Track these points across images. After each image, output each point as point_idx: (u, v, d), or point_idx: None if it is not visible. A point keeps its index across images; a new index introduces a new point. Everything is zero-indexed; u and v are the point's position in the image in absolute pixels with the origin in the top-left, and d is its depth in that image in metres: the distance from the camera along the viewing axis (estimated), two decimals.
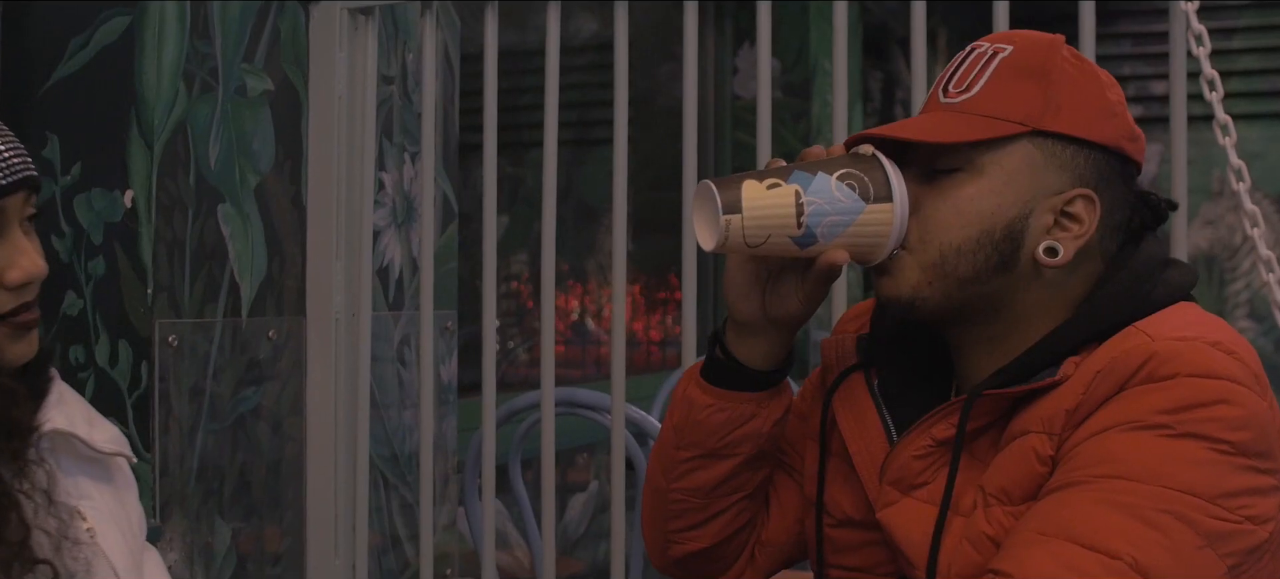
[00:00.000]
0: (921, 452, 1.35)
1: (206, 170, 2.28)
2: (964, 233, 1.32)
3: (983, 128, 1.32)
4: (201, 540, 2.28)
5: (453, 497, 2.86)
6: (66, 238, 2.22)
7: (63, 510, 1.19)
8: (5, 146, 1.20)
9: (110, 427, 1.34)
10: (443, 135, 2.81)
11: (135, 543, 1.33)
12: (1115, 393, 1.24)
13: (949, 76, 1.37)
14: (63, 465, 1.26)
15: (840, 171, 1.30)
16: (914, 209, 1.33)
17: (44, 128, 2.23)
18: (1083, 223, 1.33)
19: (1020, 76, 1.34)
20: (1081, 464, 1.23)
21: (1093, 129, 1.33)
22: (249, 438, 2.38)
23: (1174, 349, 1.24)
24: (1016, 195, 1.32)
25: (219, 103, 2.30)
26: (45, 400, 1.26)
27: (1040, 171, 1.32)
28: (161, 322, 2.19)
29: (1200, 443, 1.21)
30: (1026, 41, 1.36)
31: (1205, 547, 1.18)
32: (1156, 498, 1.19)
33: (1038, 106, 1.32)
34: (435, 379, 2.77)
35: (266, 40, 2.38)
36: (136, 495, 1.39)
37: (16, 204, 1.20)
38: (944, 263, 1.33)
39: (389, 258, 2.67)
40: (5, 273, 1.18)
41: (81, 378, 2.21)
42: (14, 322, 1.19)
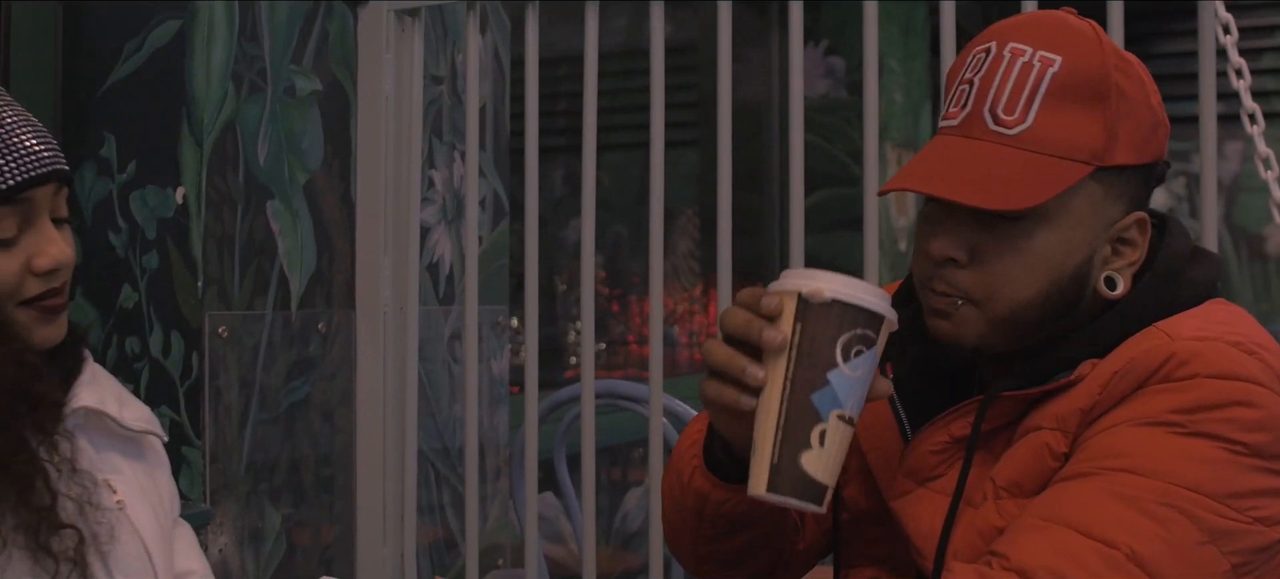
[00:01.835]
0: (938, 447, 1.35)
1: (256, 168, 2.36)
2: (1034, 286, 1.28)
3: (1051, 176, 1.25)
4: (251, 526, 2.35)
5: (504, 489, 2.92)
6: (122, 233, 2.31)
7: (87, 479, 1.25)
8: (36, 140, 1.26)
9: (141, 406, 1.40)
10: (493, 134, 2.87)
11: (165, 517, 1.39)
12: (1132, 392, 1.23)
13: (991, 92, 1.28)
14: (95, 441, 1.32)
15: (844, 343, 1.17)
16: (973, 256, 1.28)
17: (101, 128, 2.32)
18: (1137, 247, 1.31)
19: (1078, 101, 1.26)
20: (1090, 456, 1.23)
21: (1146, 151, 1.30)
22: (299, 428, 2.45)
23: (1193, 349, 1.22)
24: (1082, 237, 1.28)
25: (268, 103, 2.38)
26: (76, 379, 1.32)
27: (1101, 206, 1.29)
28: (212, 313, 2.27)
29: (1212, 442, 1.19)
30: (1075, 53, 1.28)
31: (1207, 543, 1.17)
32: (1160, 492, 1.18)
33: (1101, 141, 1.26)
34: (486, 373, 2.82)
35: (314, 42, 2.46)
36: (169, 472, 1.45)
37: (46, 195, 1.27)
38: (1013, 317, 1.29)
39: (439, 254, 2.73)
40: (34, 259, 1.24)
41: (136, 368, 2.30)
42: (41, 306, 1.25)
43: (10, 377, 1.20)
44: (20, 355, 1.22)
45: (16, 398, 1.20)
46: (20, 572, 1.20)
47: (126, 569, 1.28)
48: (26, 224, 1.25)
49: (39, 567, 1.20)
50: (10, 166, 1.23)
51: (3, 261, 1.24)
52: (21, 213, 1.25)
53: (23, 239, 1.25)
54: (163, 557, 1.34)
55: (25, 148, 1.25)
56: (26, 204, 1.25)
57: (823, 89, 4.89)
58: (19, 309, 1.24)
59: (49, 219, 1.28)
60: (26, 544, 1.20)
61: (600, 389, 2.55)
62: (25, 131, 1.26)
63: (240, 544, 2.33)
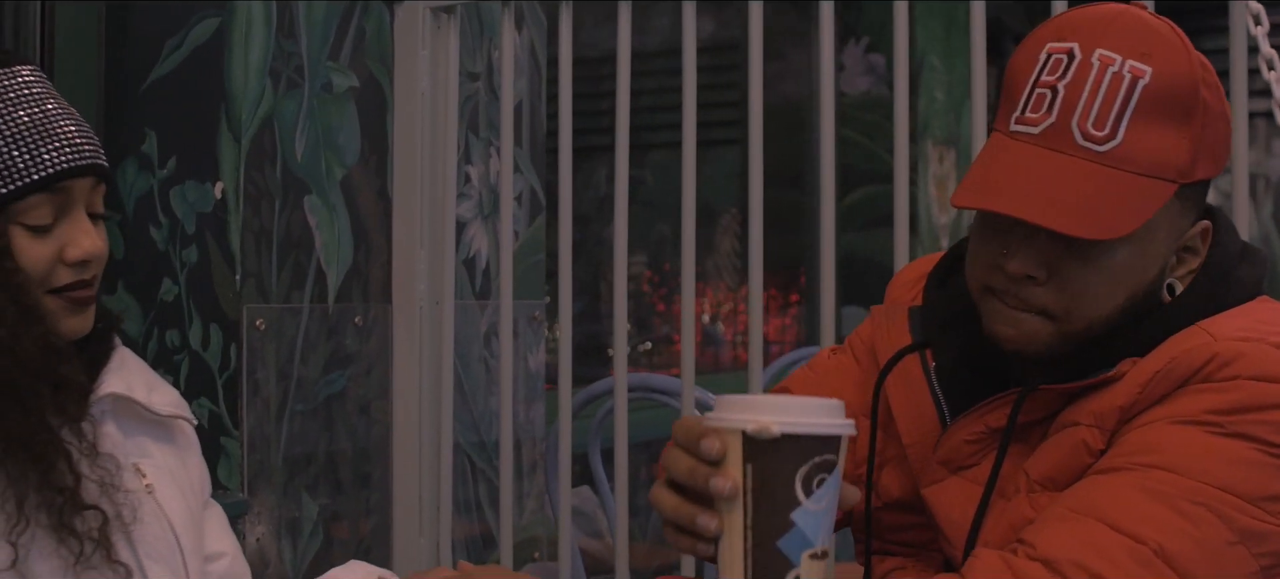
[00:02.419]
0: (973, 437, 1.34)
1: (293, 163, 2.39)
2: (1113, 302, 1.26)
3: (1142, 199, 1.22)
4: (289, 516, 2.39)
5: (540, 483, 2.94)
6: (163, 228, 2.35)
7: (110, 463, 1.29)
8: (77, 132, 1.30)
9: (171, 391, 1.43)
10: (529, 130, 2.90)
11: (195, 500, 1.43)
12: (1172, 392, 1.22)
13: (1080, 103, 1.23)
14: (124, 427, 1.36)
15: (804, 477, 1.05)
16: (1052, 273, 1.25)
17: (142, 124, 2.37)
18: (1199, 254, 1.30)
19: (1167, 117, 1.23)
20: (1124, 451, 1.22)
21: (1221, 161, 1.28)
22: (336, 420, 2.49)
23: (1236, 350, 1.21)
24: (1159, 250, 1.27)
25: (305, 99, 2.41)
26: (104, 366, 1.35)
27: (1176, 219, 1.27)
28: (249, 306, 2.31)
29: (1249, 444, 1.19)
30: (1164, 64, 1.23)
31: (1238, 543, 1.17)
32: (1192, 490, 1.17)
33: (1187, 159, 1.24)
34: (522, 367, 2.85)
35: (351, 38, 2.49)
36: (199, 456, 1.48)
37: (84, 188, 1.30)
38: (1089, 330, 1.27)
39: (475, 249, 2.76)
40: (66, 249, 1.28)
41: (176, 360, 2.34)
42: (70, 296, 1.28)
43: (36, 360, 1.23)
44: (47, 339, 1.25)
45: (40, 380, 1.24)
46: (45, 550, 1.23)
47: (153, 551, 1.31)
48: (62, 214, 1.28)
49: (63, 546, 1.23)
50: (50, 155, 1.26)
51: (36, 248, 1.27)
52: (58, 202, 1.28)
53: (57, 228, 1.28)
54: (191, 539, 1.37)
55: (66, 138, 1.28)
56: (64, 194, 1.28)
57: (864, 86, 4.88)
58: (48, 296, 1.27)
59: (85, 212, 1.31)
60: (50, 523, 1.23)
61: (634, 383, 2.57)
62: (67, 123, 1.29)
63: (277, 534, 2.37)
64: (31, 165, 1.25)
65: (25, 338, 1.23)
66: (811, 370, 1.55)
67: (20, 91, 1.28)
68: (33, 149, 1.25)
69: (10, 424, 1.22)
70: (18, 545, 1.21)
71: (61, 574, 1.24)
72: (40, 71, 1.32)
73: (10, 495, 1.22)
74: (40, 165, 1.25)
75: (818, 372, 1.54)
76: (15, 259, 1.25)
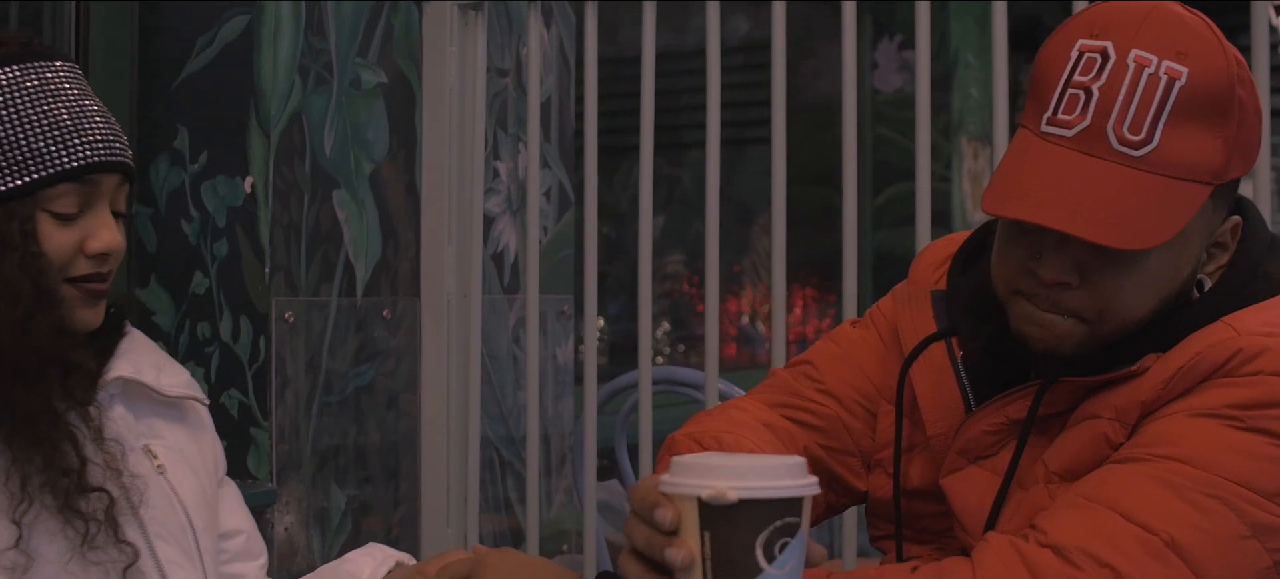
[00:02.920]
0: (993, 428, 1.33)
1: (322, 158, 2.43)
2: (1147, 306, 1.25)
3: (1177, 204, 1.21)
4: (317, 505, 2.42)
5: (568, 476, 2.96)
6: (195, 222, 2.39)
7: (116, 446, 1.32)
8: (108, 130, 1.34)
9: (181, 373, 1.46)
10: (558, 126, 2.92)
11: (209, 479, 1.45)
12: (1194, 386, 1.21)
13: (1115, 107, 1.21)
14: (135, 409, 1.39)
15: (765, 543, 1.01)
16: (1084, 277, 1.24)
17: (174, 121, 2.41)
18: (1228, 250, 1.29)
19: (1202, 119, 1.21)
20: (1142, 442, 1.21)
21: (1252, 159, 1.26)
22: (365, 411, 2.52)
23: (1260, 345, 1.20)
24: (1191, 253, 1.26)
25: (334, 95, 2.45)
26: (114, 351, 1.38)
27: (1210, 219, 1.26)
28: (278, 299, 2.34)
29: (1267, 439, 1.17)
30: (1200, 64, 1.21)
31: (1250, 537, 1.16)
32: (1207, 483, 1.16)
33: (1222, 160, 1.22)
34: (551, 362, 2.87)
35: (380, 35, 2.53)
36: (212, 435, 1.51)
37: (111, 184, 1.34)
38: (1121, 331, 1.26)
39: (504, 243, 2.79)
40: (88, 241, 1.31)
41: (207, 352, 2.38)
42: (85, 287, 1.32)
43: (47, 343, 1.27)
44: (60, 324, 1.28)
45: (50, 363, 1.27)
46: (50, 531, 1.26)
47: (162, 531, 1.34)
48: (87, 206, 1.32)
49: (69, 527, 1.26)
50: (81, 148, 1.30)
51: (60, 235, 1.30)
52: (85, 194, 1.31)
53: (81, 220, 1.32)
54: (202, 517, 1.40)
55: (97, 134, 1.31)
56: (92, 187, 1.31)
57: (898, 83, 4.88)
58: (65, 284, 1.31)
59: (109, 209, 1.34)
60: (56, 505, 1.26)
61: (658, 376, 2.59)
62: (99, 120, 1.33)
63: (306, 523, 2.40)
64: (63, 155, 1.29)
65: (39, 320, 1.26)
66: (835, 342, 1.52)
67: (57, 86, 1.31)
68: (65, 140, 1.29)
69: (17, 405, 1.25)
70: (21, 524, 1.24)
71: (67, 555, 1.26)
72: (76, 67, 1.35)
73: (15, 475, 1.25)
74: (71, 156, 1.29)
75: (841, 344, 1.51)
76: (39, 244, 1.29)
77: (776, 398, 1.49)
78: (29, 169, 1.28)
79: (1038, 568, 1.15)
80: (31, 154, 1.28)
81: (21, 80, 1.29)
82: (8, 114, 1.28)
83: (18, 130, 1.28)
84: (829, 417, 1.46)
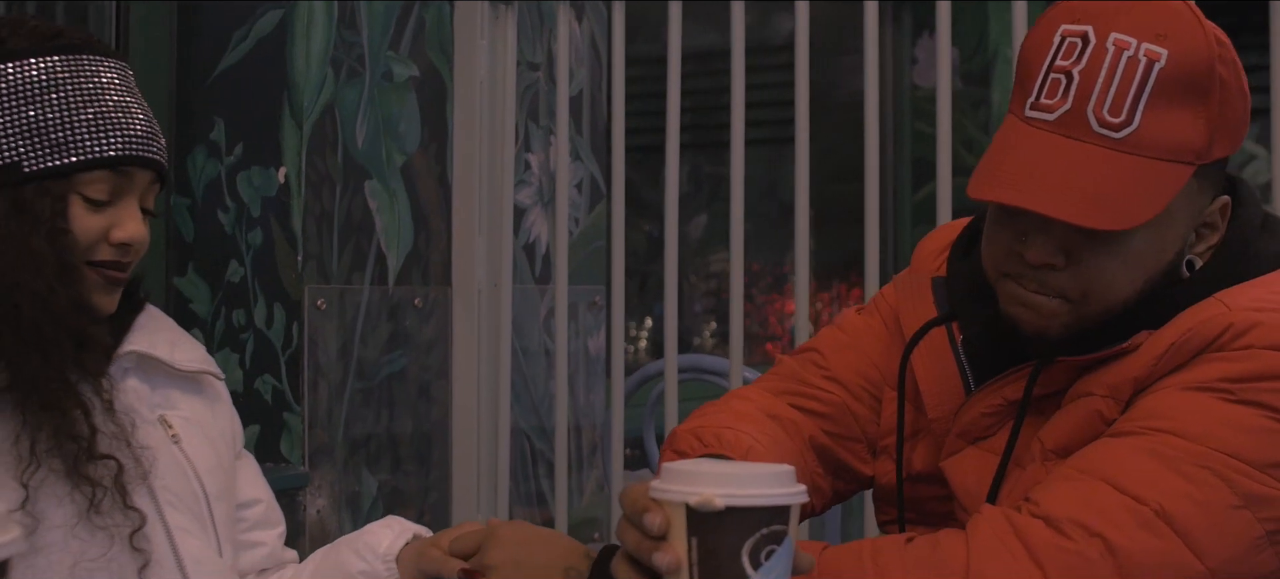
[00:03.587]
0: (990, 410, 1.35)
1: (354, 149, 2.48)
2: (1132, 286, 1.26)
3: (1158, 183, 1.22)
4: (349, 490, 2.48)
5: (599, 465, 3.00)
6: (230, 212, 2.45)
7: (126, 418, 1.36)
8: (148, 129, 1.40)
9: (196, 348, 1.51)
10: (589, 119, 2.96)
11: (226, 449, 1.50)
12: (1187, 362, 1.22)
13: (1095, 89, 1.23)
14: (152, 381, 1.44)
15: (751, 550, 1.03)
16: (1070, 258, 1.25)
17: (211, 113, 2.47)
18: (1218, 229, 1.30)
19: (1183, 99, 1.22)
20: (1134, 416, 1.23)
21: (1238, 138, 1.27)
22: (397, 398, 2.57)
23: (1251, 320, 1.21)
24: (1177, 233, 1.27)
25: (366, 87, 2.50)
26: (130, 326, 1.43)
27: (1195, 199, 1.27)
28: (311, 286, 2.40)
29: (1259, 411, 1.19)
30: (1180, 44, 1.22)
31: (1242, 507, 1.17)
32: (1197, 455, 1.17)
33: (1204, 140, 1.23)
34: (582, 352, 2.91)
35: (412, 29, 2.58)
36: (230, 408, 1.55)
37: (143, 180, 1.40)
38: (1106, 313, 1.27)
39: (535, 234, 2.83)
40: (114, 229, 1.37)
41: (242, 338, 2.44)
42: (105, 273, 1.37)
43: (66, 315, 1.32)
44: (80, 299, 1.34)
45: (66, 334, 1.32)
46: (58, 494, 1.31)
47: (174, 499, 1.39)
48: (118, 196, 1.38)
49: (77, 492, 1.31)
50: (120, 139, 1.36)
51: (90, 219, 1.36)
52: (118, 184, 1.37)
53: (111, 208, 1.37)
54: (217, 484, 1.44)
55: (137, 129, 1.38)
56: (125, 178, 1.37)
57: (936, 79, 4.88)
58: (87, 267, 1.36)
59: (138, 203, 1.39)
60: (63, 469, 1.30)
61: (686, 364, 2.62)
62: (142, 118, 1.39)
63: (337, 507, 2.45)
64: (102, 143, 1.35)
65: (60, 293, 1.31)
66: (841, 330, 1.54)
67: (107, 81, 1.38)
68: (106, 131, 1.35)
69: (31, 372, 1.30)
70: (28, 486, 1.29)
71: (74, 520, 1.31)
72: (128, 69, 1.42)
73: (25, 438, 1.30)
74: (111, 144, 1.35)
75: (847, 331, 1.53)
76: (68, 223, 1.34)
77: (783, 386, 1.51)
78: (69, 151, 1.34)
79: (1029, 538, 1.17)
80: (73, 138, 1.34)
81: (75, 70, 1.36)
82: (57, 98, 1.34)
83: (63, 114, 1.34)
84: (836, 403, 1.48)
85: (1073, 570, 1.14)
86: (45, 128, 1.33)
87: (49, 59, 1.35)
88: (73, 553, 1.31)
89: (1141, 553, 1.14)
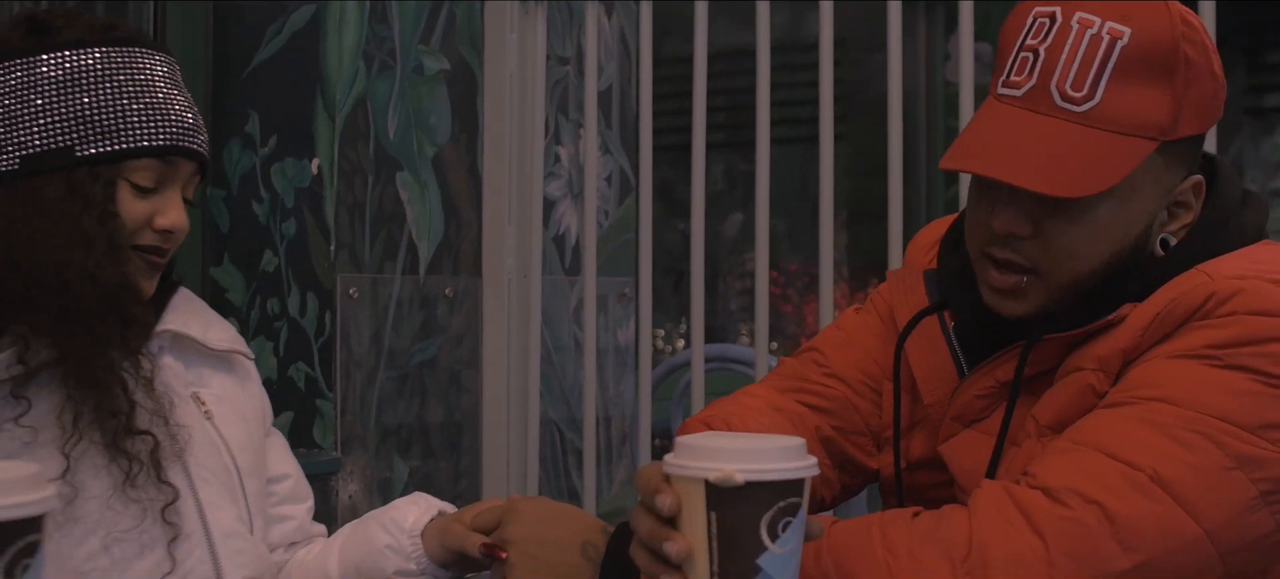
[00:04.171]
0: (984, 391, 1.37)
1: (386, 141, 2.53)
2: (1097, 257, 1.29)
3: (1118, 156, 1.25)
4: (380, 475, 2.52)
5: (629, 455, 3.03)
6: (264, 203, 2.50)
7: (163, 396, 1.41)
8: (194, 122, 1.47)
9: (228, 329, 1.56)
10: (619, 113, 3.00)
11: (256, 426, 1.55)
12: (1173, 332, 1.25)
13: (1058, 66, 1.26)
14: (186, 359, 1.49)
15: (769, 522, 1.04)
16: (1037, 229, 1.29)
17: (246, 106, 2.52)
18: (1192, 208, 1.32)
19: (1146, 76, 1.26)
20: (1125, 387, 1.25)
21: (1208, 118, 1.30)
22: (428, 386, 2.61)
23: (1233, 287, 1.23)
24: (1143, 207, 1.30)
25: (397, 80, 2.55)
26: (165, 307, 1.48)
27: (1162, 176, 1.30)
28: (343, 275, 2.45)
29: (1246, 375, 1.20)
30: (1143, 24, 1.26)
31: (1234, 469, 1.18)
32: (1189, 420, 1.19)
33: (1168, 116, 1.26)
34: (612, 343, 2.95)
35: (443, 24, 2.62)
36: (259, 387, 1.60)
37: (187, 170, 1.46)
38: (1076, 285, 1.30)
39: (565, 226, 2.87)
40: (157, 216, 1.43)
41: (277, 327, 2.49)
42: (147, 257, 1.43)
43: (112, 293, 1.37)
44: (125, 279, 1.39)
45: (111, 312, 1.37)
46: (96, 465, 1.36)
47: (207, 475, 1.43)
48: (163, 184, 1.43)
49: (114, 465, 1.36)
50: (167, 130, 1.42)
51: (136, 204, 1.41)
52: (163, 172, 1.43)
53: (155, 196, 1.43)
54: (248, 460, 1.49)
55: (184, 122, 1.44)
56: (170, 167, 1.43)
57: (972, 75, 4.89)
58: (131, 250, 1.41)
59: (181, 193, 1.44)
60: (102, 442, 1.36)
61: (712, 354, 2.65)
62: (188, 111, 1.45)
63: (369, 493, 2.50)
64: (152, 132, 1.41)
65: (108, 272, 1.37)
66: (840, 328, 1.58)
67: (156, 73, 1.43)
68: (155, 120, 1.41)
69: (77, 348, 1.35)
70: (70, 457, 1.34)
71: (110, 492, 1.36)
72: (175, 63, 1.47)
73: (68, 411, 1.35)
74: (160, 134, 1.41)
75: (845, 329, 1.57)
76: (116, 206, 1.40)
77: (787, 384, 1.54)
78: (120, 139, 1.39)
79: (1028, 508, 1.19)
80: (124, 126, 1.40)
81: (127, 61, 1.41)
82: (110, 86, 1.40)
83: (116, 102, 1.40)
84: (838, 398, 1.52)
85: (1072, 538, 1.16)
86: (98, 115, 1.39)
87: (102, 50, 1.41)
88: (107, 524, 1.36)
89: (1138, 518, 1.16)
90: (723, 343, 4.14)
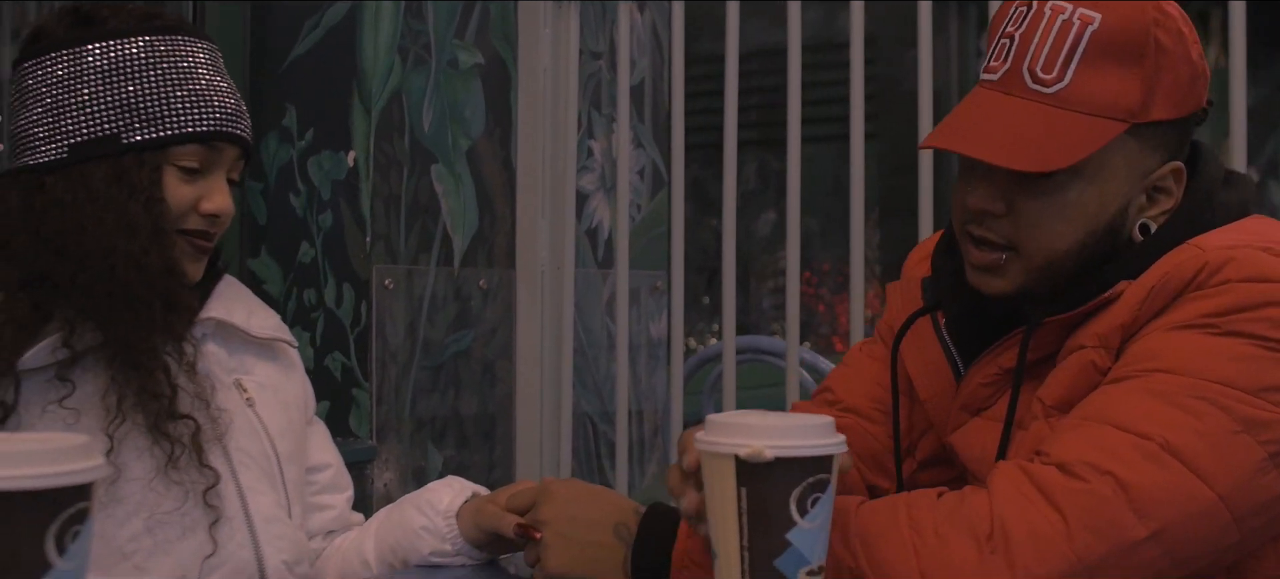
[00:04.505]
0: (988, 379, 1.40)
1: (421, 134, 2.55)
2: (1072, 236, 1.32)
3: (1085, 135, 1.29)
4: (414, 464, 2.55)
5: (660, 447, 3.05)
6: (302, 195, 2.53)
7: (206, 382, 1.44)
8: (236, 107, 1.49)
9: (272, 317, 1.58)
10: (651, 108, 3.02)
11: (298, 414, 1.57)
12: (1169, 304, 1.27)
13: (1031, 49, 1.31)
14: (230, 346, 1.51)
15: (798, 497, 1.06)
16: (1011, 208, 1.32)
17: (283, 100, 2.55)
18: (1172, 195, 1.35)
19: (1115, 60, 1.30)
20: (1128, 362, 1.28)
21: (1185, 104, 1.33)
22: (462, 376, 2.64)
23: (1225, 256, 1.26)
24: (1116, 189, 1.32)
25: (432, 74, 2.57)
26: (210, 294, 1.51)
27: (1137, 159, 1.32)
28: (378, 267, 2.47)
29: (1245, 340, 1.23)
30: (1115, 11, 1.30)
31: (1241, 432, 1.20)
32: (1192, 387, 1.22)
33: (1138, 99, 1.30)
34: (644, 335, 2.97)
35: (477, 19, 2.65)
36: (302, 375, 1.62)
37: (231, 155, 1.48)
38: (1052, 266, 1.33)
39: (598, 219, 2.89)
40: (203, 200, 1.45)
41: (313, 317, 2.52)
42: (194, 241, 1.46)
43: (159, 278, 1.40)
44: (171, 265, 1.42)
45: (157, 297, 1.40)
46: (139, 447, 1.39)
47: (247, 460, 1.46)
48: (208, 168, 1.46)
49: (156, 447, 1.38)
50: (211, 116, 1.44)
51: (182, 188, 1.44)
52: (208, 157, 1.45)
53: (201, 180, 1.46)
54: (288, 446, 1.51)
55: (227, 107, 1.46)
56: (216, 151, 1.46)
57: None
58: (177, 234, 1.44)
59: (226, 176, 1.47)
60: (145, 424, 1.38)
61: (743, 345, 2.67)
62: (229, 97, 1.48)
63: (404, 481, 2.53)
64: (197, 118, 1.44)
65: (155, 257, 1.39)
66: (846, 364, 1.63)
67: (200, 60, 1.46)
68: (200, 106, 1.44)
69: (122, 331, 1.38)
70: (113, 438, 1.37)
71: (152, 474, 1.38)
72: (217, 51, 1.50)
73: (113, 393, 1.38)
74: (204, 120, 1.44)
75: (851, 365, 1.62)
76: (163, 192, 1.43)
77: None
78: (166, 125, 1.42)
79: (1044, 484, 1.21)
80: (170, 112, 1.43)
81: (171, 49, 1.44)
82: (155, 74, 1.43)
83: (161, 88, 1.43)
84: (851, 428, 1.55)
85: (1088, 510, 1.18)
86: (143, 102, 1.42)
87: (147, 38, 1.44)
88: (149, 506, 1.38)
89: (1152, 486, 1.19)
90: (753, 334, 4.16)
